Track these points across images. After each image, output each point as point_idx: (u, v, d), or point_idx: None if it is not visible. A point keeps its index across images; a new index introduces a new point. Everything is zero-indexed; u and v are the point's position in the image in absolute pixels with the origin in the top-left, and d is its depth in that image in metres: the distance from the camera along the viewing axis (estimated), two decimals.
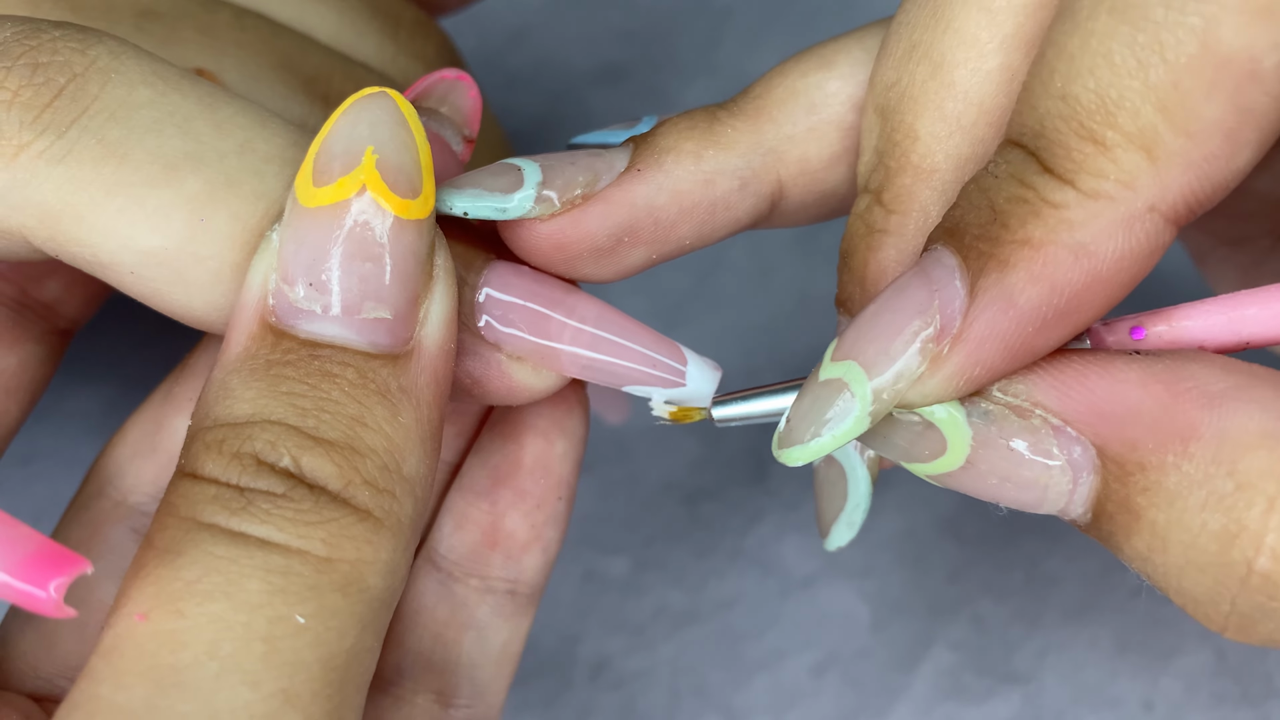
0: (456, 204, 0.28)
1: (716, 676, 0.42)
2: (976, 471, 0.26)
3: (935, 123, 0.28)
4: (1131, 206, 0.24)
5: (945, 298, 0.25)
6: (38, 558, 0.23)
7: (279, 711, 0.23)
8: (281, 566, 0.24)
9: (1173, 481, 0.24)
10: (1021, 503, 0.26)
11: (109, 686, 0.23)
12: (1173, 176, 0.24)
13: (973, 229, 0.25)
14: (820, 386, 0.26)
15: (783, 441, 0.26)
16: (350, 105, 0.26)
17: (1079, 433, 0.25)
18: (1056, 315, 0.25)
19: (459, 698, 0.32)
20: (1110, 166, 0.24)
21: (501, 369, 0.29)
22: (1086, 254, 0.24)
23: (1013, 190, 0.25)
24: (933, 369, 0.25)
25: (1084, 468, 0.25)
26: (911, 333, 0.25)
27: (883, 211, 0.29)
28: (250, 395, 0.25)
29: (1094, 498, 0.25)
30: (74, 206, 0.25)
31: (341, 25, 0.37)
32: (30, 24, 0.26)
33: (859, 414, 0.25)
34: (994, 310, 0.25)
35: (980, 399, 0.26)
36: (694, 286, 0.48)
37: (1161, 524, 0.24)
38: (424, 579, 0.32)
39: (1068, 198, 0.25)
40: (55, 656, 0.30)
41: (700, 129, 0.30)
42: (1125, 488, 0.25)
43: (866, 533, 0.44)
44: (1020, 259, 0.25)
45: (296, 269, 0.25)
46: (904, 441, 0.26)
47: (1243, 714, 0.41)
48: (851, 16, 0.53)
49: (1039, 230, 0.25)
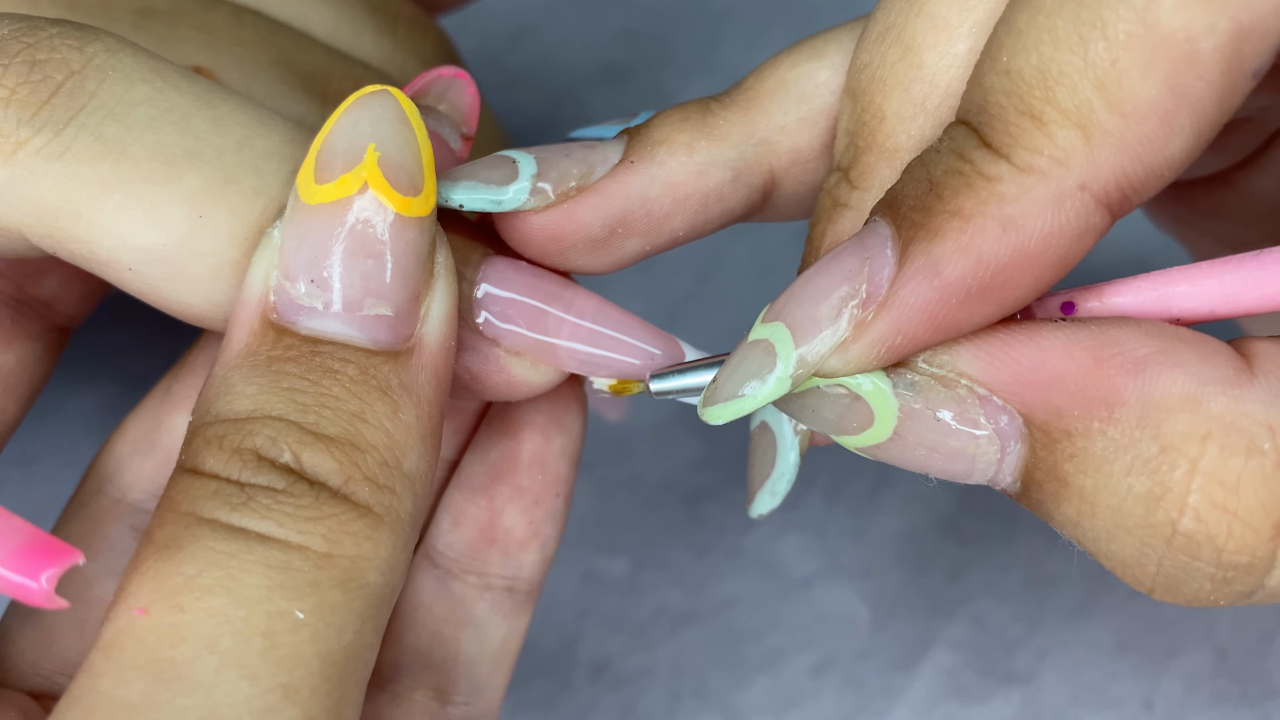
0: (452, 197, 0.29)
1: (716, 676, 0.42)
2: (904, 443, 0.26)
3: (901, 104, 0.28)
4: (1062, 184, 0.24)
5: (875, 265, 0.25)
6: (30, 548, 0.23)
7: (278, 706, 0.23)
8: (281, 562, 0.24)
9: (1098, 447, 0.24)
10: (950, 473, 0.26)
11: (108, 681, 0.23)
12: (1106, 156, 0.24)
13: (909, 200, 0.25)
14: (748, 347, 0.26)
15: (707, 399, 0.27)
16: (352, 103, 0.26)
17: (1005, 401, 0.25)
18: (981, 289, 0.25)
19: (457, 695, 0.32)
20: (1045, 142, 0.24)
21: (500, 364, 0.29)
22: (1014, 228, 0.24)
23: (951, 163, 0.25)
24: (856, 335, 0.25)
25: (1011, 436, 0.25)
26: (839, 298, 0.25)
27: (847, 187, 0.29)
28: (251, 391, 0.25)
29: (1022, 466, 0.25)
30: (72, 203, 0.25)
31: (339, 23, 0.37)
32: (28, 21, 0.26)
33: (780, 375, 0.26)
34: (920, 279, 0.25)
35: (906, 370, 0.26)
36: (694, 286, 0.48)
37: (1089, 490, 0.25)
38: (422, 576, 0.32)
39: (1001, 171, 0.25)
40: (54, 654, 0.30)
41: (693, 121, 0.30)
42: (1052, 455, 0.25)
43: (866, 533, 0.44)
44: (949, 229, 0.25)
45: (298, 266, 0.25)
46: (832, 414, 0.26)
47: (1243, 714, 0.41)
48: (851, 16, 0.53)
49: (970, 202, 0.25)
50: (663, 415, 0.46)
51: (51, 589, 0.23)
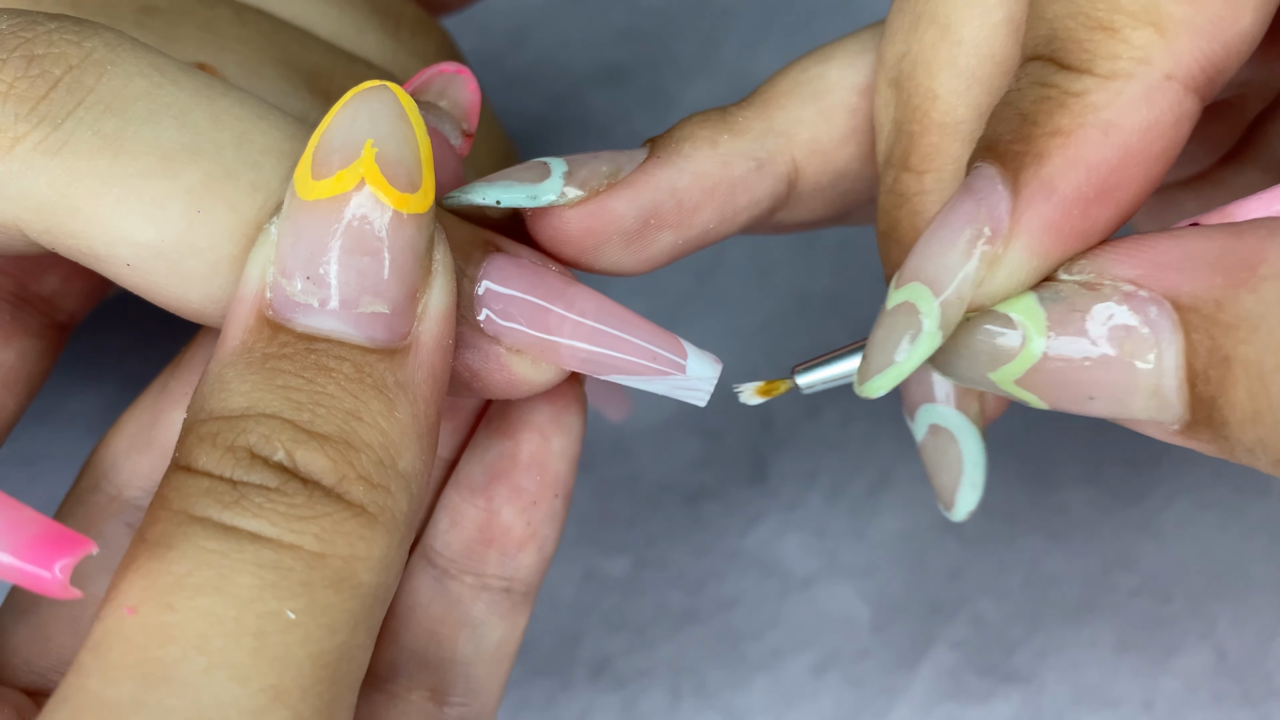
0: (489, 194, 0.29)
1: (716, 676, 0.42)
2: (1061, 357, 0.26)
3: (952, 79, 0.29)
4: (1149, 79, 0.26)
5: (991, 203, 0.26)
6: (42, 539, 0.23)
7: (268, 708, 0.23)
8: (273, 561, 0.24)
9: (1250, 306, 0.24)
10: (1113, 388, 0.26)
11: (97, 680, 0.23)
12: (1183, 44, 0.25)
13: (1005, 137, 0.26)
14: (889, 315, 0.27)
15: (863, 375, 0.27)
16: (350, 98, 0.26)
17: (1151, 290, 0.25)
18: (1098, 194, 0.26)
19: (454, 696, 0.32)
20: (1122, 46, 0.26)
21: (501, 362, 0.29)
22: (1115, 129, 0.25)
23: (1037, 93, 0.26)
24: (993, 270, 0.26)
25: (1164, 327, 0.25)
26: (966, 241, 0.26)
27: (913, 176, 0.30)
28: (245, 388, 0.25)
29: (1183, 362, 0.25)
30: (70, 198, 0.25)
31: (342, 22, 0.37)
32: (26, 16, 0.26)
33: (930, 330, 0.26)
34: (1038, 200, 0.26)
35: (1049, 286, 0.26)
36: (694, 286, 0.48)
37: (1254, 358, 0.24)
38: (419, 576, 0.32)
39: (1088, 84, 0.26)
40: (49, 650, 0.30)
41: (714, 120, 0.31)
42: (1209, 335, 0.25)
43: (866, 533, 0.44)
44: (1054, 148, 0.26)
45: (294, 262, 0.25)
46: (985, 346, 0.26)
47: (1243, 714, 0.41)
48: (851, 16, 0.53)
49: (1066, 119, 0.26)
50: (663, 415, 0.46)
51: (65, 579, 0.23)
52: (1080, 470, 0.45)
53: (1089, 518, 0.44)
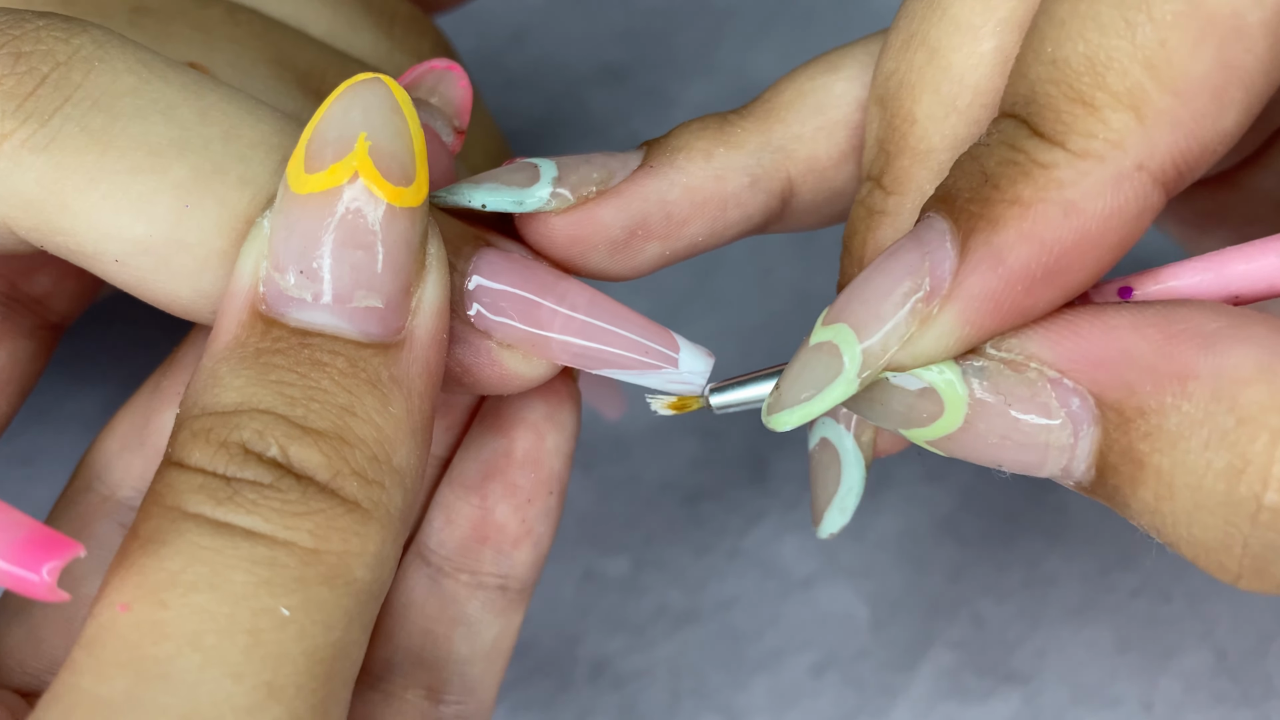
0: (475, 197, 0.29)
1: (716, 676, 0.42)
2: (975, 431, 0.26)
3: (932, 105, 0.29)
4: (1120, 165, 0.25)
5: (936, 259, 0.25)
6: (30, 541, 0.23)
7: (262, 704, 0.23)
8: (267, 558, 0.23)
9: (1174, 423, 0.24)
10: (1023, 463, 0.26)
11: (90, 678, 0.23)
12: (1160, 135, 0.25)
13: (964, 194, 0.26)
14: (810, 351, 0.26)
15: (772, 408, 0.27)
16: (344, 91, 0.26)
17: (1076, 382, 0.25)
18: (1046, 274, 0.25)
19: (449, 694, 0.32)
20: (1099, 126, 0.25)
21: (492, 357, 0.29)
22: (1075, 211, 0.25)
23: (1003, 154, 0.25)
24: (923, 329, 0.25)
25: (1084, 419, 0.25)
26: (902, 294, 0.25)
27: (882, 194, 0.30)
28: (239, 384, 0.25)
29: (1096, 451, 0.25)
30: (57, 195, 0.25)
31: (336, 21, 0.37)
32: (14, 14, 0.26)
33: (849, 375, 0.26)
34: (984, 268, 0.25)
35: (974, 357, 0.26)
36: (694, 286, 0.48)
37: (1166, 469, 0.24)
38: (414, 574, 0.32)
39: (1057, 158, 0.25)
40: (42, 652, 0.30)
41: (711, 130, 0.31)
42: (1127, 436, 0.25)
43: (866, 533, 0.44)
44: (1010, 217, 0.25)
45: (288, 256, 0.25)
46: (900, 407, 0.26)
47: (1242, 714, 0.41)
48: (850, 16, 0.53)
49: (1028, 190, 0.25)
50: (662, 415, 0.46)
51: (53, 581, 0.23)
52: None
53: (1089, 518, 0.44)
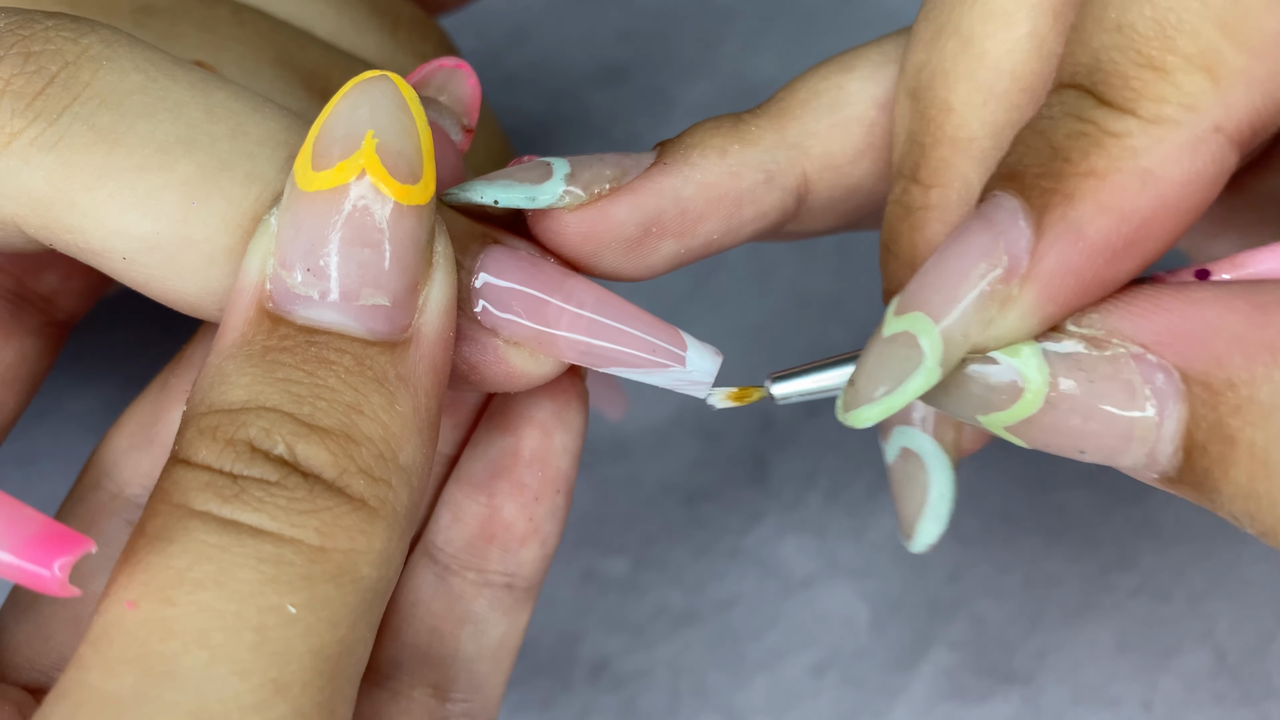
0: (488, 193, 0.29)
1: (716, 676, 0.42)
2: (1057, 413, 0.25)
3: (969, 93, 0.29)
4: (1196, 129, 0.24)
5: (1011, 239, 0.25)
6: (41, 537, 0.23)
7: (268, 702, 0.23)
8: (274, 555, 0.24)
9: (1266, 394, 0.23)
10: (1107, 448, 0.25)
11: (97, 674, 0.23)
12: (1236, 96, 0.24)
13: (1032, 169, 0.25)
14: (886, 343, 0.26)
15: (849, 404, 0.26)
16: (351, 88, 0.26)
17: (1160, 357, 0.25)
18: (1126, 245, 0.25)
19: (456, 692, 0.32)
20: (1172, 91, 0.24)
21: (499, 355, 0.29)
22: (1153, 179, 0.24)
23: (1071, 127, 0.25)
24: (1004, 310, 0.25)
25: (1169, 396, 0.24)
26: (978, 276, 0.25)
27: (920, 189, 0.29)
28: (245, 381, 0.25)
29: (1183, 431, 0.24)
30: (66, 193, 0.25)
31: (340, 22, 0.37)
32: (23, 14, 0.26)
33: (929, 365, 0.25)
34: (1063, 244, 0.24)
35: (1054, 335, 0.25)
36: (694, 286, 0.48)
37: (1261, 444, 0.24)
38: (421, 572, 0.32)
39: (1129, 126, 0.24)
40: (50, 648, 0.30)
41: (726, 128, 0.31)
42: (1216, 411, 0.24)
43: (866, 533, 0.44)
44: (1086, 190, 0.24)
45: (294, 254, 0.25)
46: (979, 390, 0.25)
47: (1242, 714, 0.41)
48: (850, 16, 0.53)
49: (1102, 161, 0.24)
50: (663, 415, 0.46)
51: (64, 577, 0.23)
52: (1080, 470, 0.44)
53: (1089, 518, 0.44)
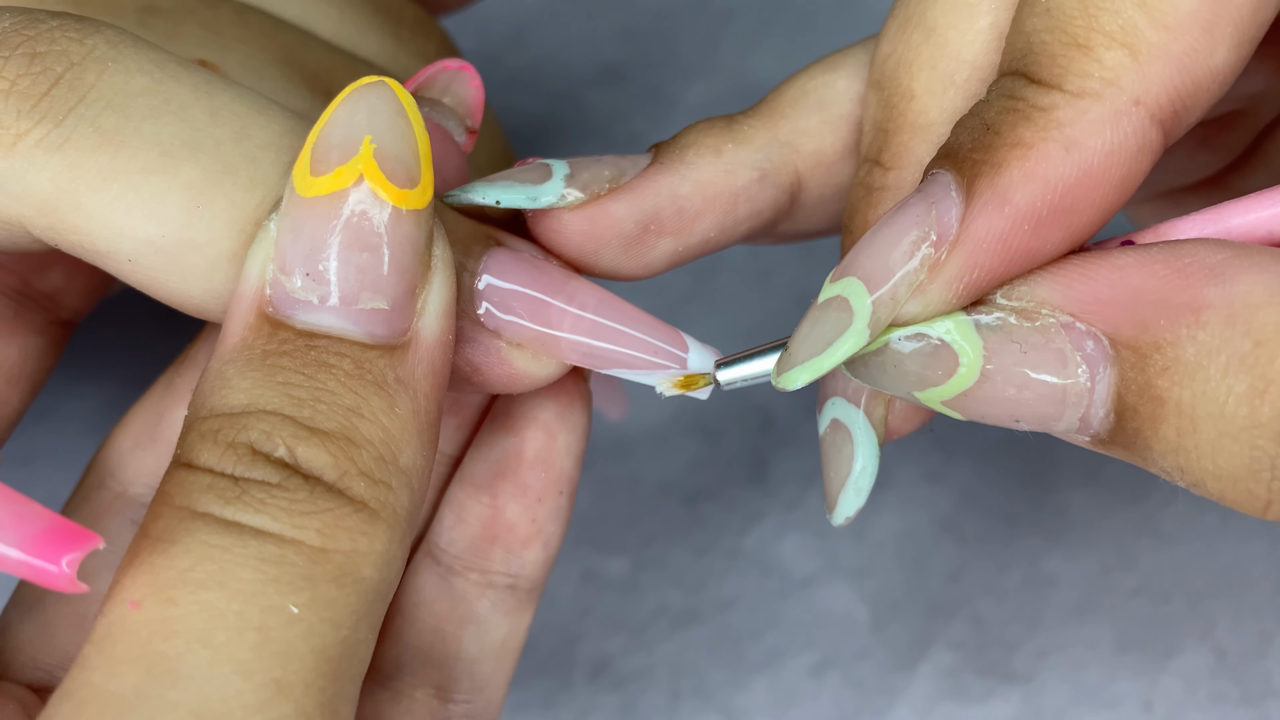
0: (489, 194, 0.29)
1: (716, 676, 0.42)
2: (992, 384, 0.26)
3: (930, 81, 0.29)
4: (1117, 101, 0.25)
5: (942, 208, 0.26)
6: (50, 534, 0.23)
7: (270, 701, 0.23)
8: (275, 556, 0.24)
9: (1191, 353, 0.24)
10: (1041, 415, 0.26)
11: (101, 674, 0.23)
12: (1154, 71, 0.25)
13: (966, 145, 0.26)
14: (819, 308, 0.26)
15: (781, 367, 0.27)
16: (348, 94, 0.26)
17: (1089, 324, 0.25)
18: (1052, 212, 0.25)
19: (458, 693, 0.32)
20: (1094, 66, 0.25)
21: (501, 356, 0.29)
22: (1077, 147, 0.25)
23: (1003, 104, 0.26)
24: (932, 276, 0.25)
25: (1099, 361, 0.25)
26: (910, 243, 0.26)
27: (880, 171, 0.30)
28: (246, 385, 0.25)
29: (1114, 394, 0.25)
30: (71, 194, 0.25)
31: (343, 22, 0.37)
32: (28, 14, 0.26)
33: (859, 327, 0.26)
34: (990, 210, 0.25)
35: (984, 307, 0.26)
36: (694, 286, 0.48)
37: (1187, 401, 0.24)
38: (424, 572, 0.32)
39: (1055, 100, 0.25)
40: (54, 647, 0.30)
41: (719, 128, 0.31)
42: (1144, 373, 0.25)
43: (866, 533, 0.44)
44: (1013, 159, 0.25)
45: (294, 259, 0.25)
46: (915, 366, 0.26)
47: (1242, 714, 0.41)
48: (850, 16, 0.54)
49: (1029, 132, 0.25)
50: (663, 415, 0.46)
51: (73, 573, 0.23)
52: (1080, 470, 0.45)
53: (1089, 518, 0.44)
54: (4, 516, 0.23)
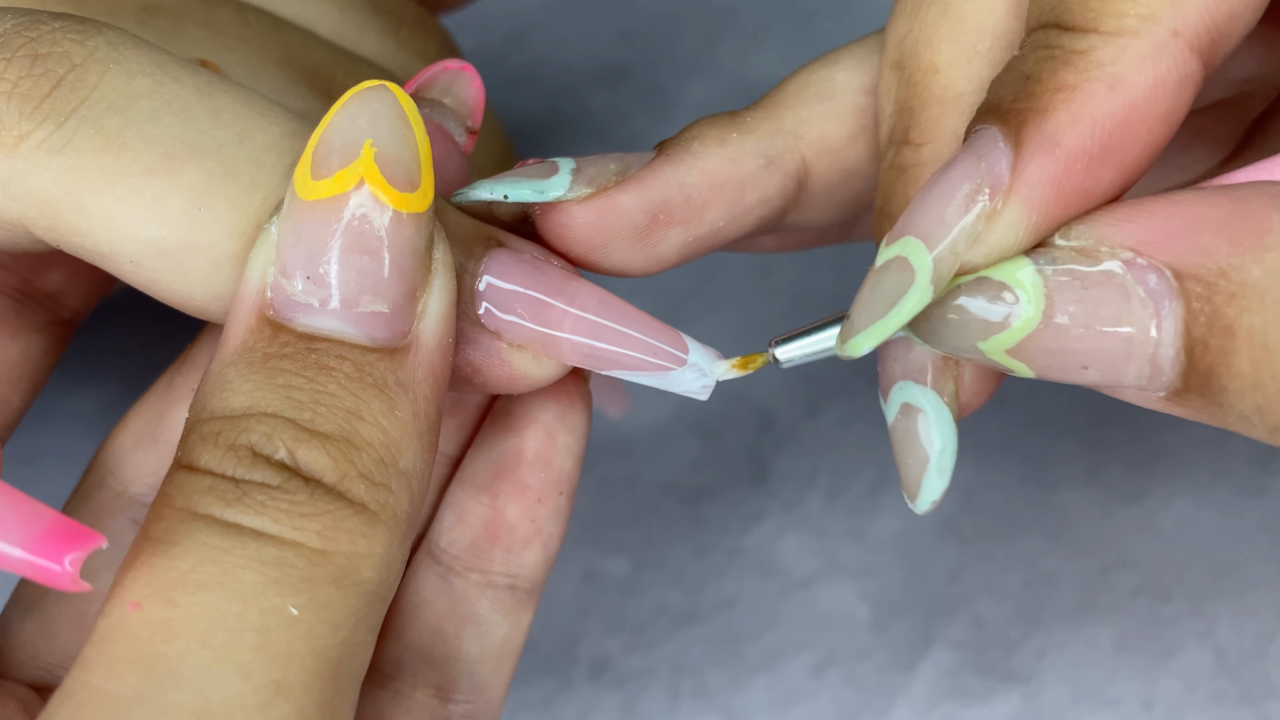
0: (497, 189, 0.30)
1: (716, 676, 0.42)
2: (1057, 327, 0.25)
3: (953, 52, 0.29)
4: (1155, 35, 0.25)
5: (992, 159, 0.26)
6: (52, 533, 0.23)
7: (270, 702, 0.23)
8: (275, 558, 0.24)
9: (1257, 276, 0.24)
10: (1108, 358, 0.25)
11: (101, 675, 0.23)
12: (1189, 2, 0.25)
13: (1008, 98, 0.26)
14: (878, 271, 0.26)
15: (845, 335, 0.26)
16: (349, 98, 0.26)
17: (1150, 259, 0.25)
18: (1102, 151, 0.25)
19: (459, 693, 0.32)
20: (1128, 4, 0.26)
21: (502, 357, 0.29)
22: (1121, 84, 0.25)
23: (1040, 54, 0.26)
24: (990, 225, 0.26)
25: (1164, 295, 0.25)
26: (964, 196, 0.26)
27: (912, 149, 0.30)
28: (247, 388, 0.25)
29: (1182, 331, 0.25)
30: (73, 196, 0.25)
31: (343, 21, 0.37)
32: (30, 16, 0.26)
33: (921, 284, 0.26)
34: (1041, 155, 0.25)
35: (1044, 250, 0.26)
36: (694, 286, 0.48)
37: (1259, 328, 0.24)
38: (424, 573, 0.32)
39: (1093, 42, 0.26)
40: (55, 646, 0.30)
41: (723, 120, 0.31)
42: (1211, 303, 0.24)
43: (866, 533, 0.44)
44: (1058, 103, 0.25)
45: (295, 262, 0.25)
46: (978, 313, 0.26)
47: (1242, 714, 0.41)
48: (851, 16, 0.54)
49: (1071, 75, 0.25)
50: (663, 415, 0.46)
51: (75, 572, 0.23)
52: (1080, 470, 0.45)
53: (1089, 518, 0.44)
54: (7, 515, 0.23)
